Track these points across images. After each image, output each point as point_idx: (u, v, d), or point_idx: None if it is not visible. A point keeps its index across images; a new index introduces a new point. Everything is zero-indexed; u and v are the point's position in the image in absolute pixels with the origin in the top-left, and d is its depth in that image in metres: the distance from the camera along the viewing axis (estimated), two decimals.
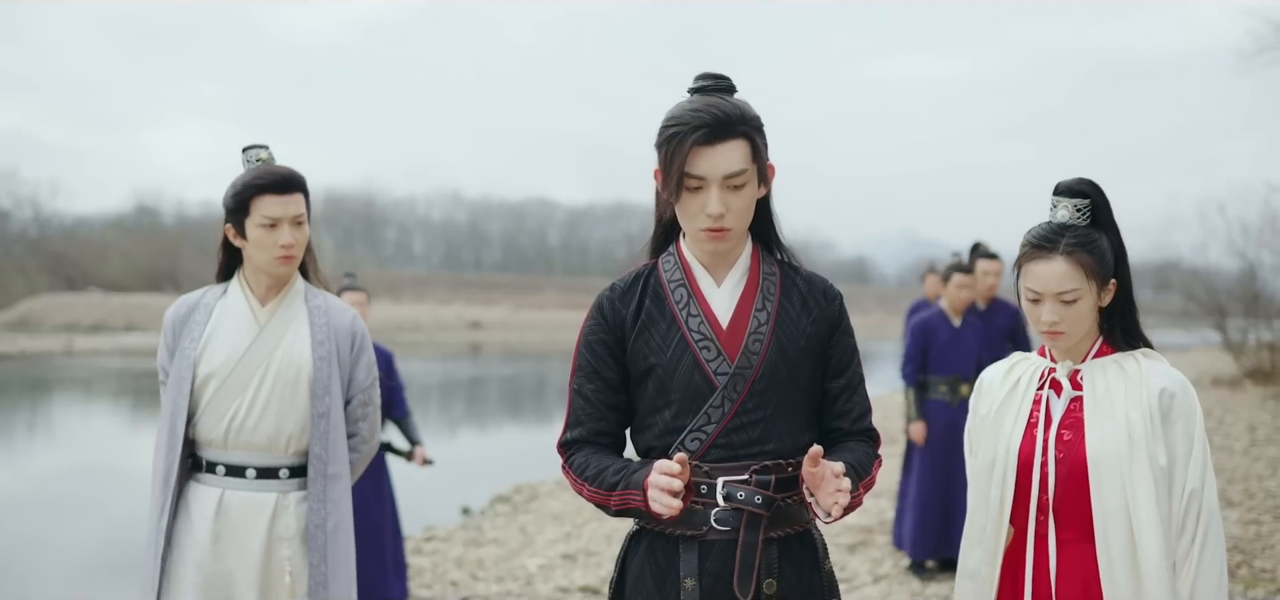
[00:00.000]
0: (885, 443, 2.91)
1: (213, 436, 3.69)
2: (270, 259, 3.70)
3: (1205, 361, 26.85)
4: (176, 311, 3.80)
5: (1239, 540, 8.18)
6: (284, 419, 3.70)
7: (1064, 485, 2.98)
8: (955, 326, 7.74)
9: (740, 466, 2.60)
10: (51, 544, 9.82)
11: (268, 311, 3.77)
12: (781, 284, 2.75)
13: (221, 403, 3.68)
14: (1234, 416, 16.25)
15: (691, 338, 2.66)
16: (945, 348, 7.71)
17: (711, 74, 2.72)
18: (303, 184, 3.76)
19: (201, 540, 3.64)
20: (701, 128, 2.56)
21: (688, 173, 2.58)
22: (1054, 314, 2.98)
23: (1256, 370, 22.51)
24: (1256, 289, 24.36)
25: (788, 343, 2.69)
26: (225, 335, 3.73)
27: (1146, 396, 2.94)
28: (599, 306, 2.77)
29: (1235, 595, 6.81)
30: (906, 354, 7.93)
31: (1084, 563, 2.96)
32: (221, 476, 3.70)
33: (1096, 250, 2.99)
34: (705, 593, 2.61)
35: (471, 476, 12.75)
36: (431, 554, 8.87)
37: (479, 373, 33.46)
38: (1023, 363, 3.19)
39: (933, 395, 7.72)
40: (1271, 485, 10.33)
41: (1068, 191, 3.05)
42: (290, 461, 3.73)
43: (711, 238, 2.62)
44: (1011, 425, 3.08)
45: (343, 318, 3.85)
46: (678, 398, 2.65)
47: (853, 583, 7.54)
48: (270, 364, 3.71)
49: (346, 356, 3.83)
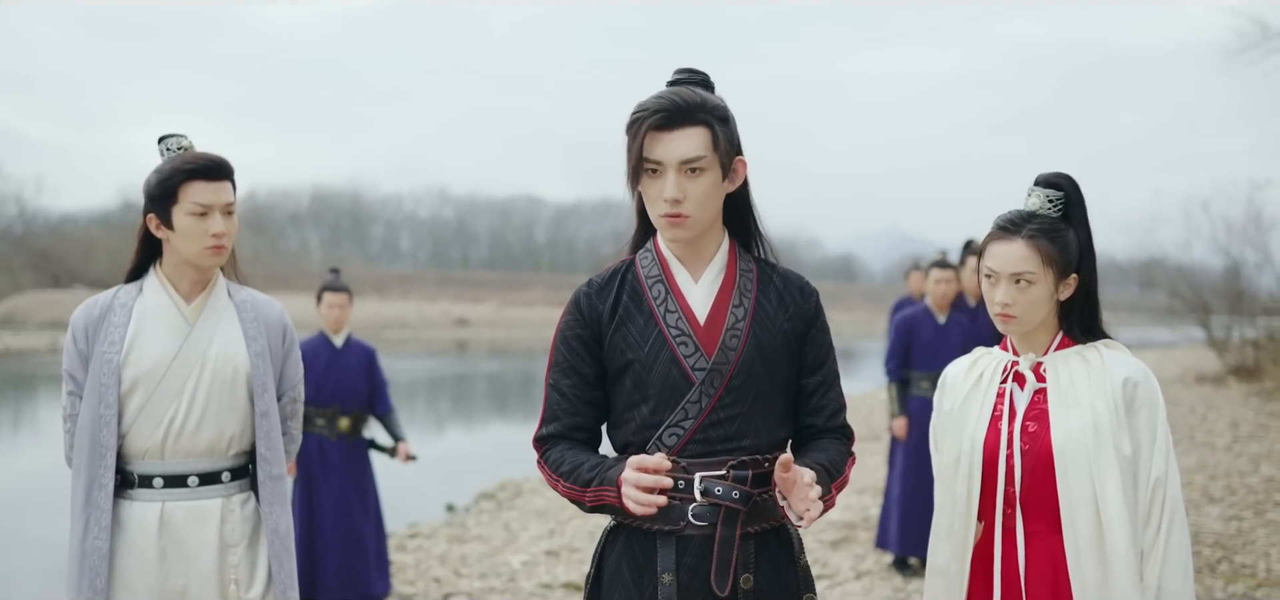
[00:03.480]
0: (871, 439, 2.92)
1: (148, 446, 3.46)
2: (199, 249, 3.46)
3: (1190, 358, 26.96)
4: (87, 313, 3.50)
5: (1221, 536, 8.22)
6: (224, 421, 3.50)
7: (1031, 477, 2.99)
8: (939, 323, 7.76)
9: (717, 462, 2.62)
10: (33, 541, 9.78)
11: (195, 309, 3.53)
12: (758, 280, 2.76)
13: (156, 409, 3.45)
14: (1217, 413, 16.32)
15: (669, 333, 2.67)
16: (929, 344, 7.73)
17: (688, 69, 2.77)
18: (232, 172, 3.54)
19: (147, 560, 3.43)
20: (659, 112, 2.60)
21: (646, 157, 2.63)
22: (1007, 295, 2.99)
23: (1240, 367, 22.63)
24: (1240, 286, 24.48)
25: (764, 339, 2.70)
26: (152, 337, 3.49)
27: (1110, 386, 2.96)
28: (576, 302, 2.78)
29: (1216, 590, 6.85)
30: (890, 350, 7.98)
31: (1052, 554, 2.97)
32: (160, 489, 3.46)
33: (1059, 241, 3.01)
34: (682, 588, 2.62)
35: (456, 473, 12.75)
36: (415, 551, 8.86)
37: (465, 370, 33.44)
38: (985, 357, 3.19)
39: (915, 391, 7.74)
40: (1253, 481, 10.37)
41: (1044, 183, 3.07)
42: (231, 464, 3.53)
43: (670, 224, 2.64)
44: (976, 419, 3.09)
45: (272, 312, 3.66)
46: (655, 393, 2.67)
47: (835, 579, 7.54)
48: (205, 364, 3.48)
49: (278, 352, 3.65)
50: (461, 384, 28.94)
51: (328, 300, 6.78)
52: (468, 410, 23.32)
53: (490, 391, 27.40)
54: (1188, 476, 10.73)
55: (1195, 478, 10.67)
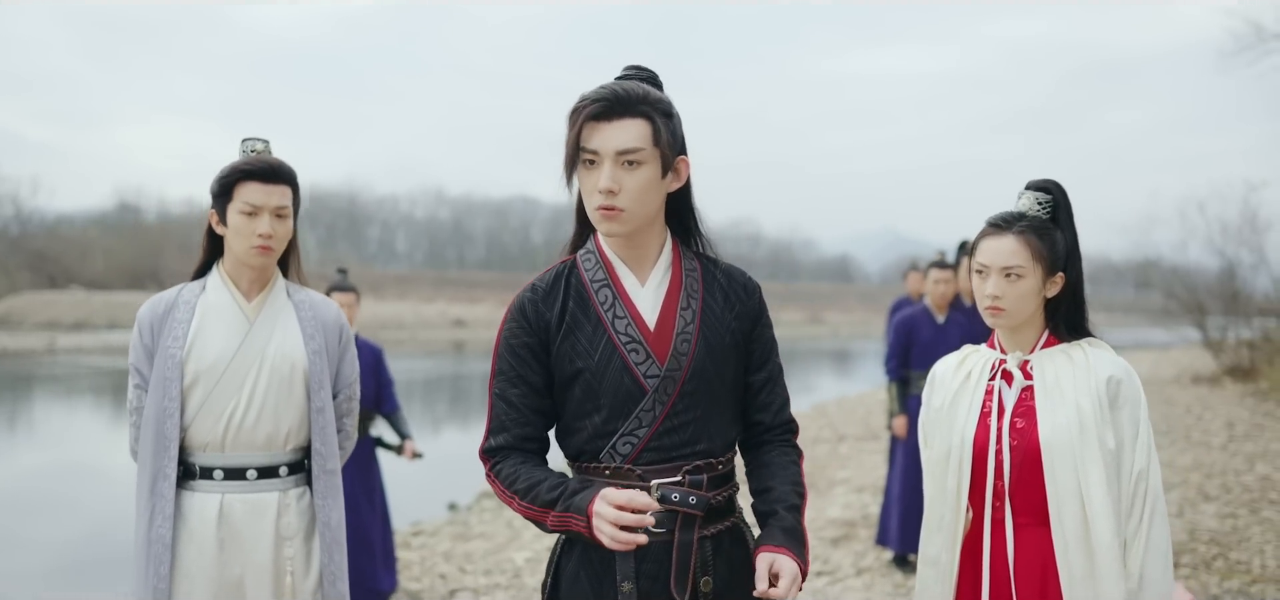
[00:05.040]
0: (869, 438, 2.97)
1: (209, 439, 3.57)
2: (247, 247, 3.58)
3: (1186, 359, 27.06)
4: (153, 309, 3.63)
5: (1216, 533, 8.31)
6: (282, 416, 3.61)
7: (1019, 471, 3.08)
8: (938, 323, 7.85)
9: (673, 467, 2.60)
10: (31, 542, 9.79)
11: (255, 307, 3.66)
12: (703, 280, 2.73)
13: (217, 404, 3.56)
14: (1213, 413, 16.41)
15: (619, 341, 2.62)
16: (928, 344, 7.81)
17: (636, 66, 2.73)
18: (291, 177, 3.66)
19: (207, 550, 3.53)
20: (598, 102, 2.55)
21: (583, 147, 2.57)
22: (997, 288, 3.10)
23: (1236, 367, 22.75)
24: (1236, 287, 24.60)
25: (714, 340, 2.67)
26: (214, 333, 3.60)
27: (1095, 383, 3.05)
28: (521, 308, 2.69)
29: (1212, 587, 6.94)
30: (889, 350, 8.06)
31: (1040, 545, 3.06)
32: (220, 481, 3.57)
33: (1047, 238, 3.12)
34: (642, 594, 2.59)
35: (457, 473, 12.80)
36: (419, 548, 8.94)
37: (463, 370, 33.52)
38: (974, 355, 3.29)
39: (915, 390, 7.82)
40: (1248, 480, 10.47)
41: (1034, 187, 3.19)
42: (288, 459, 3.64)
43: (604, 217, 2.56)
44: (965, 416, 3.18)
45: (329, 312, 3.77)
46: (608, 402, 2.62)
47: (836, 575, 7.63)
48: (264, 360, 3.60)
49: (335, 351, 3.76)
50: (459, 384, 29.02)
51: (336, 299, 6.85)
52: (465, 411, 23.37)
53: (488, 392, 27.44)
54: (1184, 475, 10.82)
55: (1191, 476, 10.76)
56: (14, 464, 15.03)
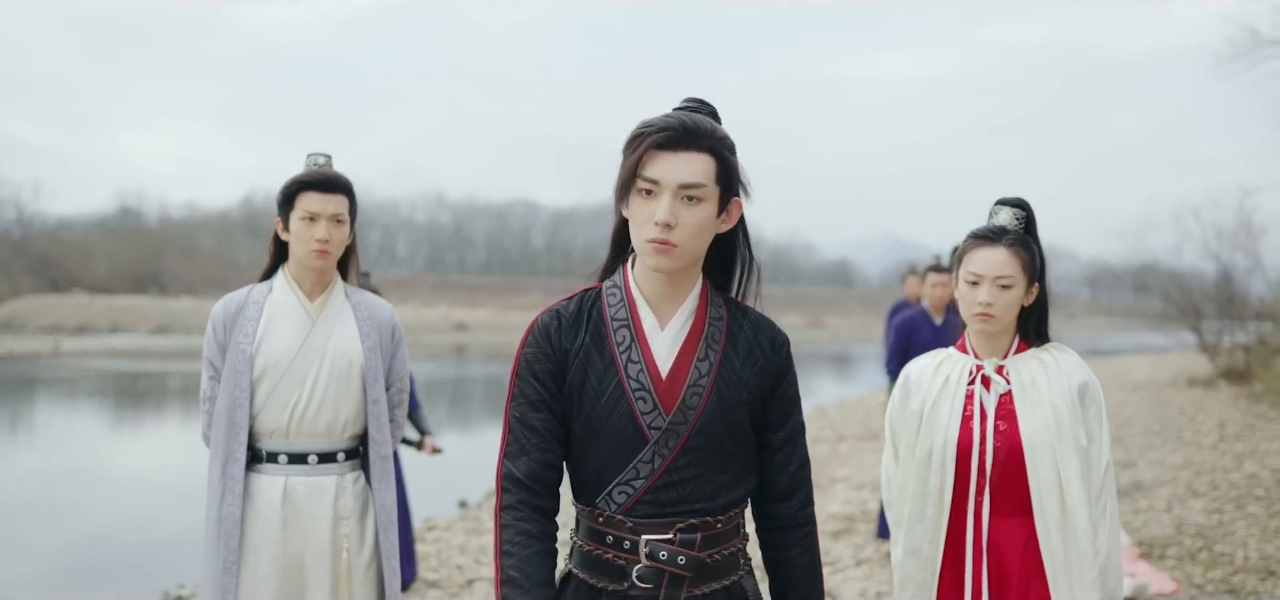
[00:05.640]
0: (868, 438, 3.16)
1: (275, 427, 3.90)
2: (306, 251, 3.90)
3: (1182, 362, 27.24)
4: (226, 308, 3.97)
5: (1202, 527, 8.62)
6: (340, 407, 3.94)
7: (1001, 469, 3.36)
8: (936, 325, 8.16)
9: (665, 523, 2.51)
10: (33, 547, 9.83)
11: (317, 307, 3.98)
12: (728, 329, 2.62)
13: (282, 395, 3.89)
14: (1205, 414, 16.68)
15: (628, 385, 2.52)
16: (926, 345, 8.09)
17: (698, 98, 2.65)
18: (347, 187, 3.98)
19: (272, 528, 3.85)
20: (665, 131, 2.46)
21: (642, 175, 2.46)
22: (990, 296, 3.36)
23: (1230, 370, 22.90)
24: (1231, 291, 24.83)
25: (728, 397, 2.56)
26: (279, 331, 3.93)
27: (1068, 386, 3.36)
28: (546, 332, 2.60)
29: (1196, 576, 7.24)
30: (890, 351, 8.39)
31: (1017, 532, 3.37)
32: (284, 465, 3.90)
33: (1031, 251, 3.41)
34: None
35: (464, 473, 13.04)
36: (434, 542, 9.22)
37: (465, 374, 33.72)
38: (948, 361, 3.53)
39: None
40: (1236, 477, 10.76)
41: (1010, 203, 3.46)
42: (345, 445, 3.97)
43: (656, 250, 2.45)
44: (948, 418, 3.42)
45: (382, 312, 4.10)
46: (608, 446, 2.53)
47: (837, 565, 7.93)
48: (325, 356, 3.93)
49: (387, 347, 4.08)
50: (461, 387, 29.23)
51: None
52: (468, 413, 23.61)
53: (491, 395, 27.68)
54: (1174, 473, 11.13)
55: (1181, 474, 11.06)
56: (23, 466, 15.10)
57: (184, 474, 14.01)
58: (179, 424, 20.51)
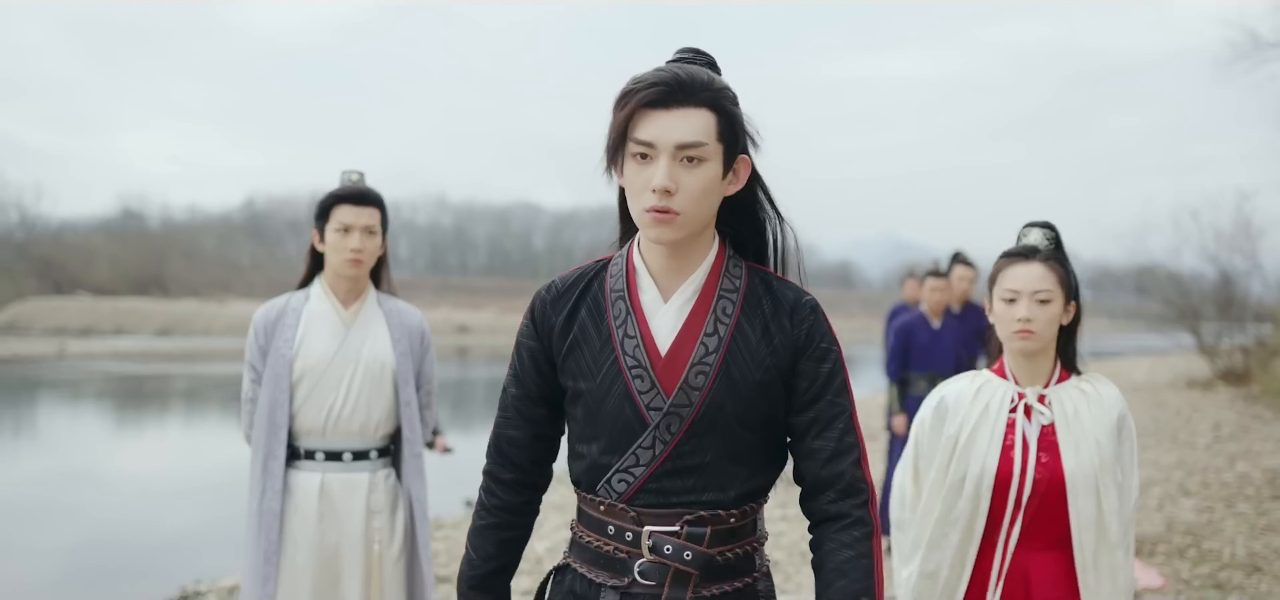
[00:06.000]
0: (869, 439, 3.11)
1: (312, 426, 4.15)
2: (340, 260, 4.15)
3: (1182, 364, 27.39)
4: (266, 314, 4.23)
5: (1191, 525, 8.84)
6: (373, 408, 4.19)
7: (1041, 501, 3.25)
8: (934, 328, 8.42)
9: (671, 514, 2.28)
10: (33, 551, 9.86)
11: (351, 314, 4.23)
12: (744, 300, 2.35)
13: (319, 397, 4.14)
14: (1201, 415, 16.87)
15: (624, 362, 2.30)
16: (925, 347, 8.40)
17: (693, 48, 2.38)
18: (378, 201, 4.21)
19: (309, 520, 4.10)
20: (656, 86, 2.21)
21: (635, 137, 2.22)
22: (1028, 311, 3.25)
23: (1229, 372, 23.09)
24: (1230, 293, 25.03)
25: (739, 376, 2.29)
26: (316, 337, 4.18)
27: (1108, 420, 3.28)
28: (532, 309, 2.44)
29: (1183, 571, 7.46)
30: (890, 353, 8.66)
31: (1051, 566, 3.27)
32: (321, 462, 4.16)
33: (1067, 267, 3.34)
34: None
35: (470, 472, 13.21)
36: (443, 539, 9.43)
37: (467, 376, 33.88)
38: (988, 386, 3.40)
39: (913, 390, 8.41)
40: (1228, 477, 10.97)
41: (1037, 225, 3.40)
42: (378, 444, 4.23)
43: (656, 220, 2.21)
44: (987, 447, 3.29)
45: (412, 319, 4.35)
46: (606, 431, 2.32)
47: None
48: (359, 361, 4.17)
49: (417, 352, 4.33)
50: (463, 389, 29.39)
51: None
52: (470, 415, 23.76)
53: (492, 397, 27.81)
54: (1166, 473, 11.33)
55: (1173, 474, 11.27)
56: (16, 470, 15.05)
57: (196, 475, 14.25)
58: (188, 426, 20.72)
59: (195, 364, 34.39)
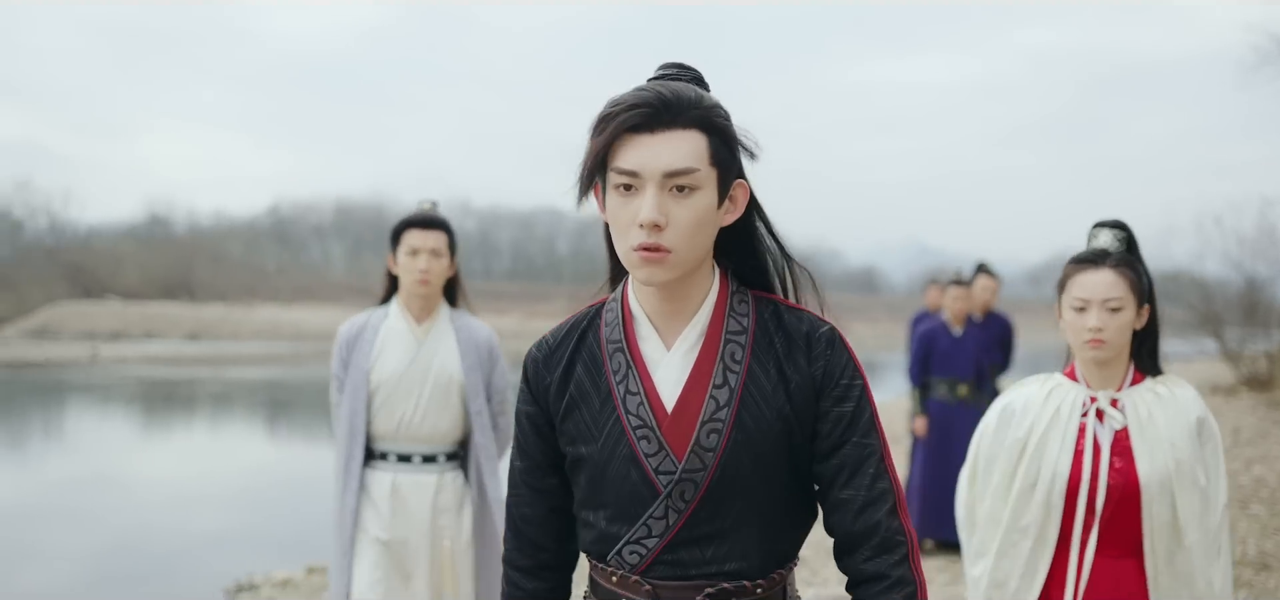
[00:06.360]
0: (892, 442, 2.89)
1: (386, 432, 4.51)
2: (410, 281, 4.51)
3: (1208, 371, 27.47)
4: (349, 330, 4.61)
5: None
6: (440, 418, 4.53)
7: (1115, 508, 3.18)
8: (955, 335, 8.77)
9: (689, 588, 2.07)
10: (59, 554, 9.98)
11: (423, 330, 4.57)
12: (754, 341, 2.11)
13: (392, 407, 4.49)
14: (1222, 420, 16.99)
15: (628, 422, 2.07)
16: (945, 353, 8.75)
17: (677, 63, 2.13)
18: (444, 225, 4.57)
19: (382, 514, 4.46)
20: (638, 108, 1.97)
21: (616, 167, 1.98)
22: (1099, 320, 3.17)
23: (1253, 378, 23.14)
24: (1254, 299, 25.12)
25: (756, 430, 2.06)
26: (391, 352, 4.53)
27: (1186, 422, 3.19)
28: (525, 370, 2.22)
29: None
30: (912, 358, 9.03)
31: (1124, 575, 3.21)
32: (393, 463, 4.51)
33: (1138, 271, 3.24)
34: None
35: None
36: None
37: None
38: (1059, 389, 3.32)
39: (934, 395, 8.79)
40: (1244, 480, 11.16)
41: (1109, 225, 3.30)
42: (446, 449, 4.56)
43: (645, 259, 1.97)
44: (1058, 451, 3.22)
45: (481, 334, 4.66)
46: (612, 499, 2.10)
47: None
48: (428, 374, 4.50)
49: (486, 365, 4.63)
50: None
51: None
52: None
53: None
54: None
55: None
56: (41, 475, 15.14)
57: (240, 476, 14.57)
58: (227, 430, 21.00)
59: (226, 368, 34.72)
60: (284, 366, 35.88)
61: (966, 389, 8.75)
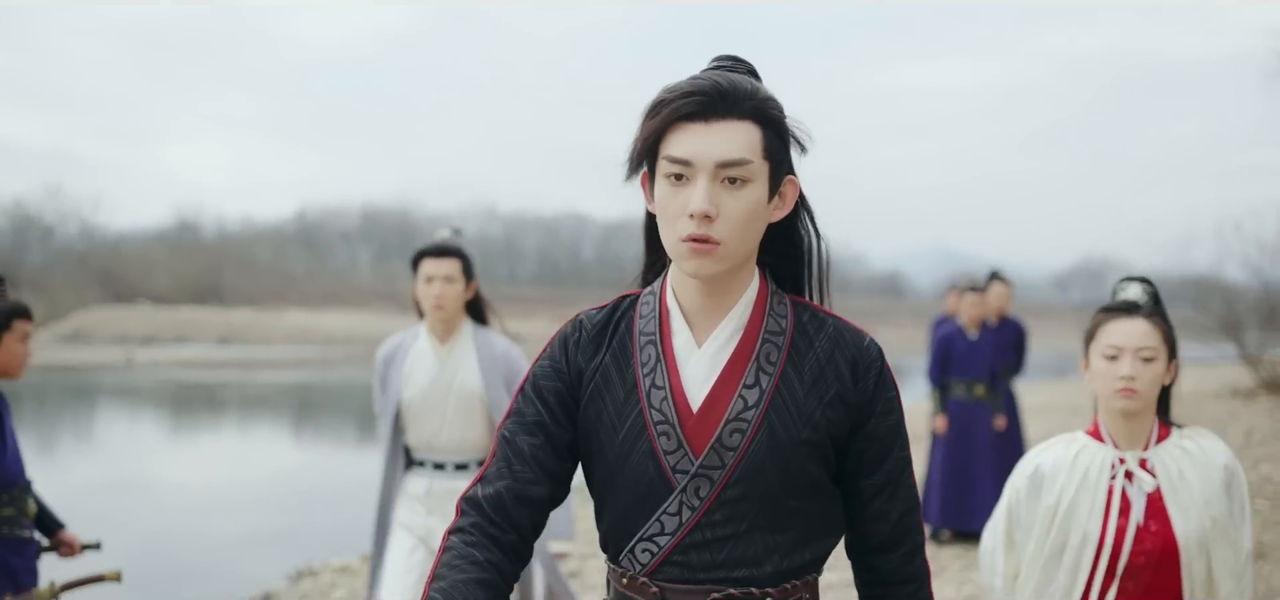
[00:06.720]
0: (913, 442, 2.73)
1: (419, 443, 4.89)
2: (428, 306, 4.82)
3: (1229, 375, 27.64)
4: (386, 351, 4.98)
5: None
6: (466, 432, 4.85)
7: (1151, 572, 3.11)
8: (971, 339, 9.38)
9: (698, 592, 2.03)
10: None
11: (446, 350, 4.88)
12: (791, 345, 2.07)
13: (421, 421, 4.85)
14: (1236, 422, 17.29)
15: (650, 416, 2.04)
16: (963, 356, 9.38)
17: (732, 56, 2.12)
18: (457, 252, 4.82)
19: (418, 510, 4.86)
20: (693, 96, 1.95)
21: (668, 155, 1.96)
22: (1132, 368, 3.10)
23: (1272, 381, 23.32)
24: (1273, 303, 25.41)
25: (784, 435, 2.02)
26: (418, 371, 4.86)
27: (1216, 476, 3.13)
28: (563, 344, 2.15)
29: None
30: (932, 360, 9.65)
31: None
32: (429, 469, 4.89)
33: (1169, 324, 3.20)
34: None
35: None
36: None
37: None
38: (1085, 451, 3.24)
39: (952, 395, 9.42)
40: (1251, 477, 11.55)
41: (1134, 280, 3.29)
42: (476, 457, 4.88)
43: (694, 251, 1.95)
44: (1088, 515, 3.15)
45: (499, 347, 4.92)
46: (627, 493, 2.07)
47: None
48: (451, 391, 4.82)
49: (508, 378, 4.89)
50: None
51: None
52: None
53: None
54: None
55: None
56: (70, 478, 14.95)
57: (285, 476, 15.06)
58: (268, 430, 21.53)
59: (258, 372, 35.22)
60: (315, 370, 36.39)
61: (982, 389, 9.38)
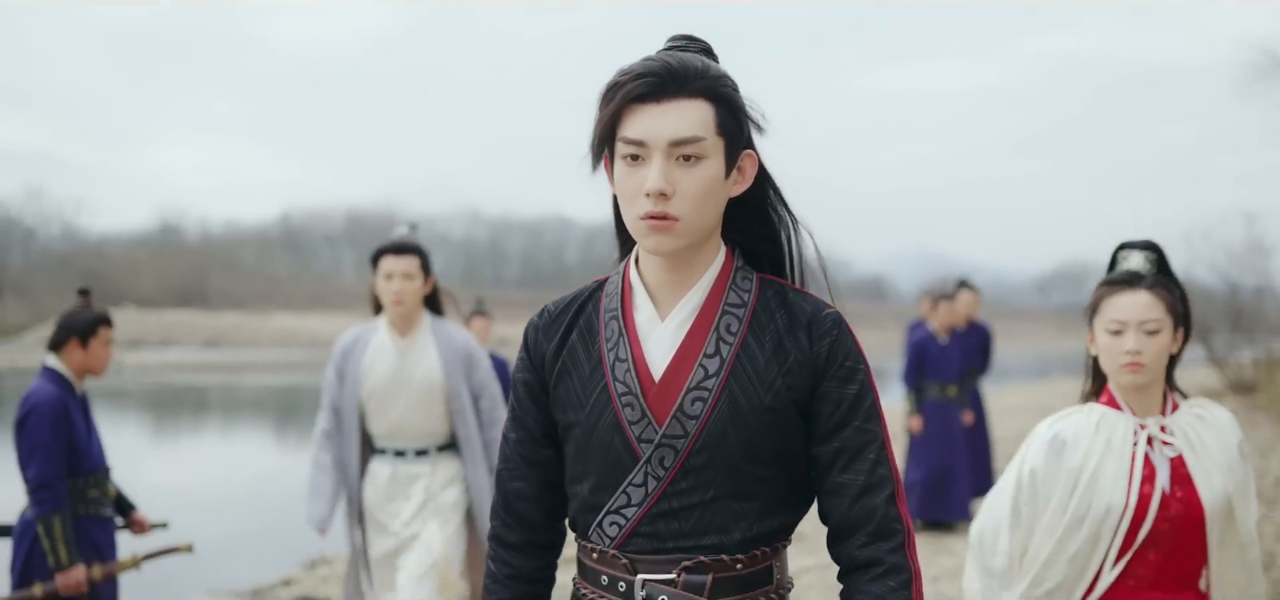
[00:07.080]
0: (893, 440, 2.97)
1: (381, 432, 5.05)
2: (387, 302, 4.97)
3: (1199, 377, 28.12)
4: (344, 343, 5.12)
5: None
6: (427, 419, 5.04)
7: (1175, 538, 3.03)
8: (942, 344, 10.07)
9: (667, 561, 2.05)
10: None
11: (406, 342, 5.04)
12: (753, 316, 2.09)
13: (382, 411, 5.02)
14: None
15: (614, 388, 2.07)
16: (935, 360, 10.08)
17: (686, 35, 2.15)
18: (415, 249, 4.97)
19: (381, 494, 5.05)
20: (644, 77, 1.98)
21: (624, 137, 2.00)
22: (1136, 343, 3.02)
23: (1239, 383, 23.99)
24: (1239, 308, 26.07)
25: (745, 403, 2.04)
26: (379, 364, 5.01)
27: (1232, 441, 3.10)
28: (529, 333, 2.22)
29: None
30: (907, 364, 10.26)
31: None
32: (391, 456, 5.06)
33: (1175, 292, 3.10)
34: None
35: None
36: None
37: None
38: (1107, 419, 3.14)
39: (927, 397, 10.10)
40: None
41: (1134, 246, 3.18)
42: (436, 443, 5.07)
43: (652, 229, 1.99)
44: (1113, 483, 3.05)
45: (458, 338, 5.11)
46: (595, 468, 2.10)
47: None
48: (411, 381, 4.99)
49: (465, 366, 5.07)
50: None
51: (475, 323, 8.83)
52: None
53: None
54: None
55: None
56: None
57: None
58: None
59: (246, 375, 35.32)
60: (303, 373, 36.57)
61: (954, 390, 10.06)
